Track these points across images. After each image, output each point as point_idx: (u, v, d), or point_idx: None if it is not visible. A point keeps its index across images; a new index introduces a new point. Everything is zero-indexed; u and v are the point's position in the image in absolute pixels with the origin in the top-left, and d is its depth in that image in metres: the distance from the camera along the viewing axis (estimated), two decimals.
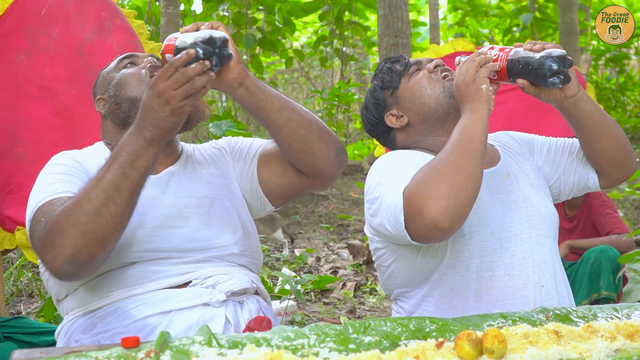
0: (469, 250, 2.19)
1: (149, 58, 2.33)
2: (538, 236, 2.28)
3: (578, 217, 5.00)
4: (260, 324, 2.10)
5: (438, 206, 1.90)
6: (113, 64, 2.37)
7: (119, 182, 1.91)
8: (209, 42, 1.94)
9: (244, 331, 2.09)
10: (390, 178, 2.08)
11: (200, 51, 1.91)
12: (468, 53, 3.07)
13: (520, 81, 2.17)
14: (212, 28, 2.04)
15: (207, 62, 1.92)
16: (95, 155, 2.25)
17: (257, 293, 2.28)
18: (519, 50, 2.17)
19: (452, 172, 1.95)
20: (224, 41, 1.98)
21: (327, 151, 2.25)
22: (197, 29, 2.04)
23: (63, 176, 2.11)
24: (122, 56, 2.37)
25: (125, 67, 2.32)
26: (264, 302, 2.27)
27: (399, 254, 2.24)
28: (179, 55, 1.91)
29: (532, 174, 2.41)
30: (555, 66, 2.11)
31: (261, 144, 2.40)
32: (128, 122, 2.20)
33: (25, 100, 3.42)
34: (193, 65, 1.90)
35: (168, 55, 2.02)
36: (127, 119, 2.23)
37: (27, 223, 2.05)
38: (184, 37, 1.98)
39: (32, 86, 3.42)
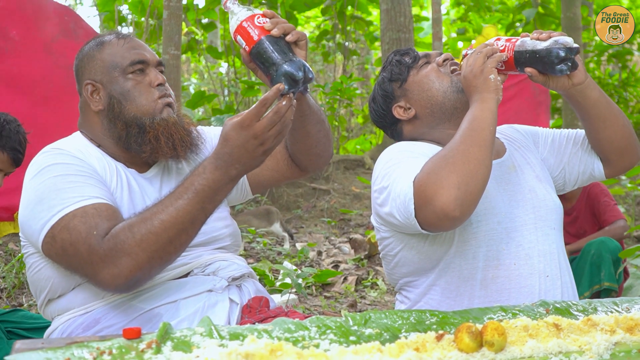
0: (476, 239, 2.22)
1: (159, 77, 2.21)
2: (543, 227, 2.30)
3: (577, 209, 5.01)
4: (258, 302, 2.12)
5: (449, 195, 1.91)
6: (122, 62, 2.19)
7: (196, 215, 1.91)
8: (298, 82, 1.87)
9: (243, 309, 2.13)
10: (400, 168, 2.10)
11: (287, 87, 1.86)
12: None
13: (528, 70, 2.18)
14: (297, 40, 1.98)
15: (292, 95, 1.88)
16: (90, 152, 2.17)
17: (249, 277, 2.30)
18: (526, 40, 2.18)
19: (462, 161, 1.96)
20: (310, 80, 1.91)
21: (330, 152, 2.40)
22: (285, 33, 1.96)
23: (79, 178, 2.03)
24: (133, 59, 2.19)
25: (133, 72, 2.18)
26: (259, 284, 2.30)
27: (406, 242, 2.25)
28: (270, 92, 1.84)
29: (537, 166, 2.43)
30: (562, 53, 2.12)
31: None
32: (139, 154, 2.17)
33: None
34: (284, 103, 1.86)
35: (240, 39, 1.96)
36: (139, 151, 2.16)
37: (43, 227, 1.96)
38: (271, 45, 1.92)
39: None
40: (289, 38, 1.96)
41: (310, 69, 1.90)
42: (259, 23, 1.95)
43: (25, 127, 3.31)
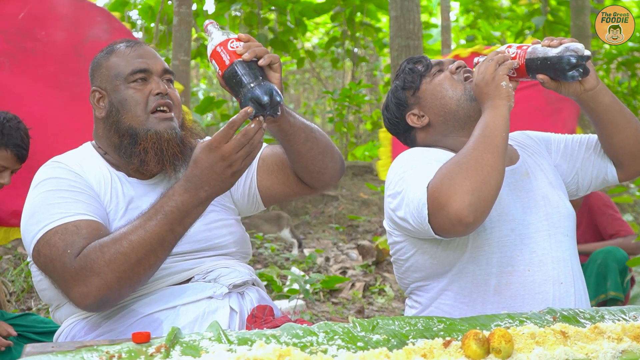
0: (489, 245, 2.22)
1: (161, 86, 2.20)
2: (556, 234, 2.30)
3: (578, 219, 4.98)
4: (262, 311, 2.12)
5: (462, 201, 1.93)
6: (125, 69, 2.20)
7: (165, 236, 1.92)
8: (264, 106, 1.89)
9: (248, 319, 2.12)
10: (414, 173, 2.11)
11: (255, 111, 1.88)
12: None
13: (540, 76, 2.19)
14: (271, 63, 1.99)
15: (261, 119, 1.89)
16: (90, 164, 2.19)
17: (253, 284, 2.29)
18: (537, 47, 2.19)
19: (475, 167, 1.98)
20: (278, 104, 1.92)
21: (335, 168, 2.34)
22: (257, 57, 1.97)
23: (68, 194, 2.06)
24: (136, 67, 2.20)
25: (135, 81, 2.19)
26: (263, 291, 2.29)
27: (419, 247, 2.26)
28: (238, 115, 1.85)
29: (550, 172, 2.43)
30: (574, 60, 2.13)
31: None
32: (130, 160, 2.18)
33: (12, 99, 3.46)
34: (253, 126, 1.87)
35: (214, 64, 1.99)
36: (130, 159, 2.17)
37: (32, 241, 2.00)
38: (241, 68, 1.94)
39: (20, 85, 3.48)
40: (261, 62, 1.97)
41: (279, 92, 1.92)
42: (232, 47, 1.97)
43: (49, 128, 3.33)
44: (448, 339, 1.53)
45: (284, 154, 2.33)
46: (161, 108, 2.19)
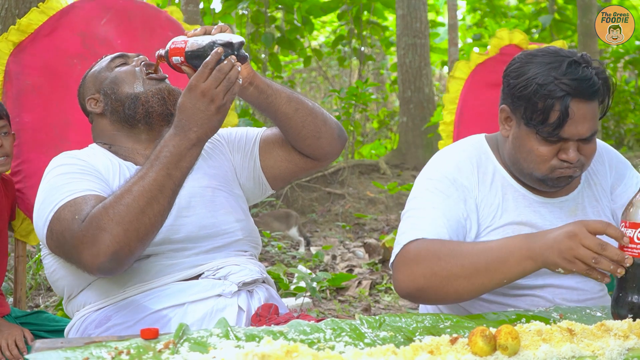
0: None
1: (141, 57, 2.37)
2: None
3: None
4: (267, 310, 2.13)
5: None
6: (103, 64, 2.39)
7: (163, 182, 1.94)
8: (228, 45, 1.99)
9: (252, 318, 2.13)
10: (423, 212, 2.06)
11: (224, 53, 1.98)
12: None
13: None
14: (221, 31, 2.08)
15: (234, 57, 1.98)
16: (97, 156, 2.26)
17: (263, 282, 2.30)
18: None
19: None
20: (241, 43, 2.03)
21: (331, 133, 2.37)
22: (206, 33, 2.08)
23: (77, 175, 2.11)
24: (113, 56, 2.40)
25: (117, 66, 2.35)
26: (272, 290, 2.31)
27: None
28: (210, 56, 1.96)
29: (607, 211, 2.23)
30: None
31: (258, 132, 2.48)
32: (136, 120, 2.27)
33: (74, 102, 3.47)
34: (225, 62, 1.96)
35: (175, 58, 2.09)
36: (135, 116, 2.26)
37: (45, 223, 2.03)
38: (197, 40, 2.04)
39: None
40: (213, 32, 2.07)
41: (237, 37, 2.04)
42: (180, 38, 2.11)
43: (86, 139, 3.33)
44: (455, 335, 1.53)
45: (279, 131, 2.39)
46: (152, 71, 2.31)
